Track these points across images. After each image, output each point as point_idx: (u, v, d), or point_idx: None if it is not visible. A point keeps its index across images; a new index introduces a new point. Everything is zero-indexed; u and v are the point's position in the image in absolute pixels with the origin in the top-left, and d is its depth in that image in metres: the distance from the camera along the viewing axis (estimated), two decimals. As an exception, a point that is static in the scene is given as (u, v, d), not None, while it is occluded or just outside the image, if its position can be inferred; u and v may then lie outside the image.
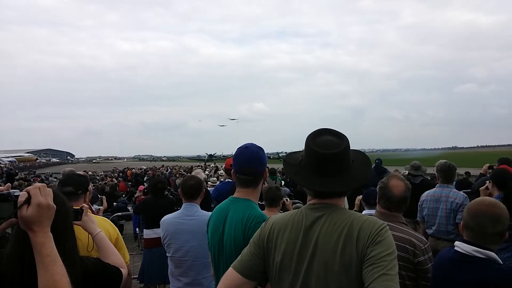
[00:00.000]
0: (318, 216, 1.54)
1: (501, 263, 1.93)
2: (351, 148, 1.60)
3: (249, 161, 2.16)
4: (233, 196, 2.25)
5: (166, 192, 6.52)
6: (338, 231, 1.47)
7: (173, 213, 3.43)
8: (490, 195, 3.78)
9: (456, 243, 2.02)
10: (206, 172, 18.10)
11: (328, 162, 1.53)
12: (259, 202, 3.95)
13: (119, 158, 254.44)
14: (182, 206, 3.36)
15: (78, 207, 1.97)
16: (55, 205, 1.38)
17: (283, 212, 3.52)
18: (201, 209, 3.39)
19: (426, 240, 2.44)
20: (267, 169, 2.29)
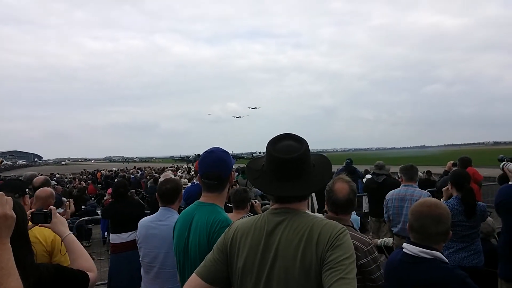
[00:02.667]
0: (279, 221, 1.56)
1: (447, 262, 2.01)
2: (316, 152, 1.62)
3: (213, 165, 2.16)
4: (199, 200, 2.24)
5: (135, 196, 6.40)
6: (298, 236, 1.49)
7: (150, 216, 3.37)
8: (451, 195, 3.92)
9: (404, 245, 2.09)
10: (179, 173, 17.93)
11: (286, 166, 1.55)
12: (228, 204, 3.96)
13: (89, 160, 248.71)
14: (159, 210, 3.27)
15: (47, 209, 1.94)
16: (14, 215, 1.34)
17: (253, 214, 3.54)
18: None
19: (370, 242, 2.46)
20: (233, 173, 2.29)
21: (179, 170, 21.79)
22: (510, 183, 3.79)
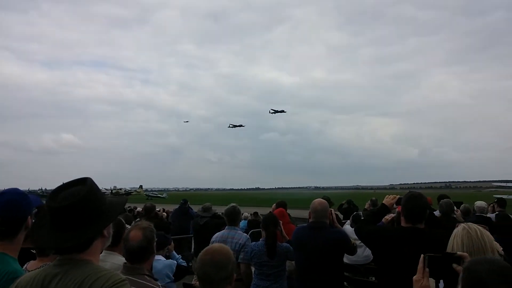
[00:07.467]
0: (55, 273, 1.48)
1: None
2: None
3: (2, 209, 1.95)
4: (-13, 249, 1.95)
5: None
6: None
7: None
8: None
9: None
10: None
11: (59, 216, 1.48)
12: (32, 251, 3.47)
13: None
14: None
15: None
16: None
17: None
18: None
19: None
20: (30, 217, 2.06)
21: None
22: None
